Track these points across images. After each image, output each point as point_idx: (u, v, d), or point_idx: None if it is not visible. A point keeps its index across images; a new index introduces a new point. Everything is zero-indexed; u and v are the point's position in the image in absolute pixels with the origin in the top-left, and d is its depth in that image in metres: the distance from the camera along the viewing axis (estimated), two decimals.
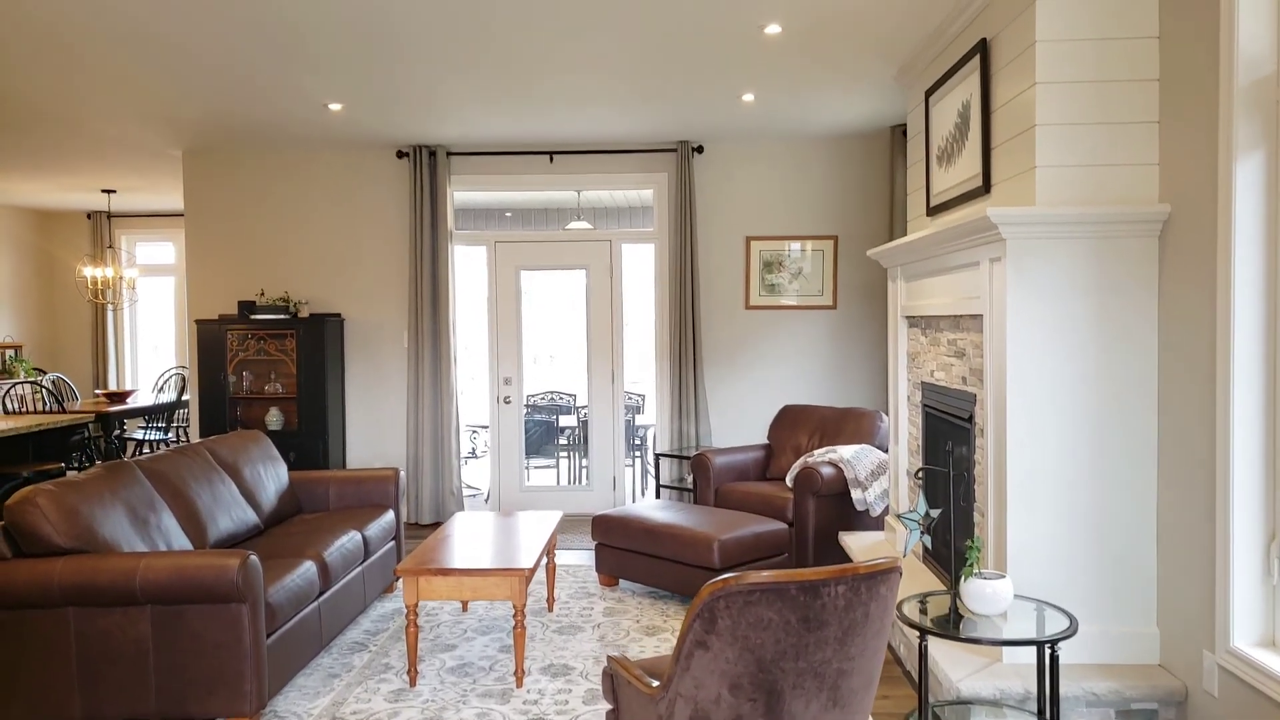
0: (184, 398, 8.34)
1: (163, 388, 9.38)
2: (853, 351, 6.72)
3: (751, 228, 6.73)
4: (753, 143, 6.68)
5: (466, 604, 4.69)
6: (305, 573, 3.73)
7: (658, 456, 6.61)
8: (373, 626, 4.44)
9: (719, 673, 2.20)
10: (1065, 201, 3.18)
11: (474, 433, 8.88)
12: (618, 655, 2.66)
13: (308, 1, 3.81)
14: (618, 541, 4.87)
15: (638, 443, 7.92)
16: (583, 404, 7.50)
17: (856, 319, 6.71)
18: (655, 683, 2.38)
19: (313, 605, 3.80)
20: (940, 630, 2.75)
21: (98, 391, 8.77)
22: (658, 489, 6.64)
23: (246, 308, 6.71)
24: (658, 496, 6.64)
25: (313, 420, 6.65)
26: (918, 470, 3.73)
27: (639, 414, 8.57)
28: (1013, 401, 3.19)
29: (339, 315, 6.91)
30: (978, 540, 2.88)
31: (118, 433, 8.11)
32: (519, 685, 3.68)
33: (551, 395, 8.35)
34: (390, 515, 4.85)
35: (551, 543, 4.50)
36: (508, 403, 7.01)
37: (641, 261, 7.18)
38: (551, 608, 4.64)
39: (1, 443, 5.18)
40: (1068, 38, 3.15)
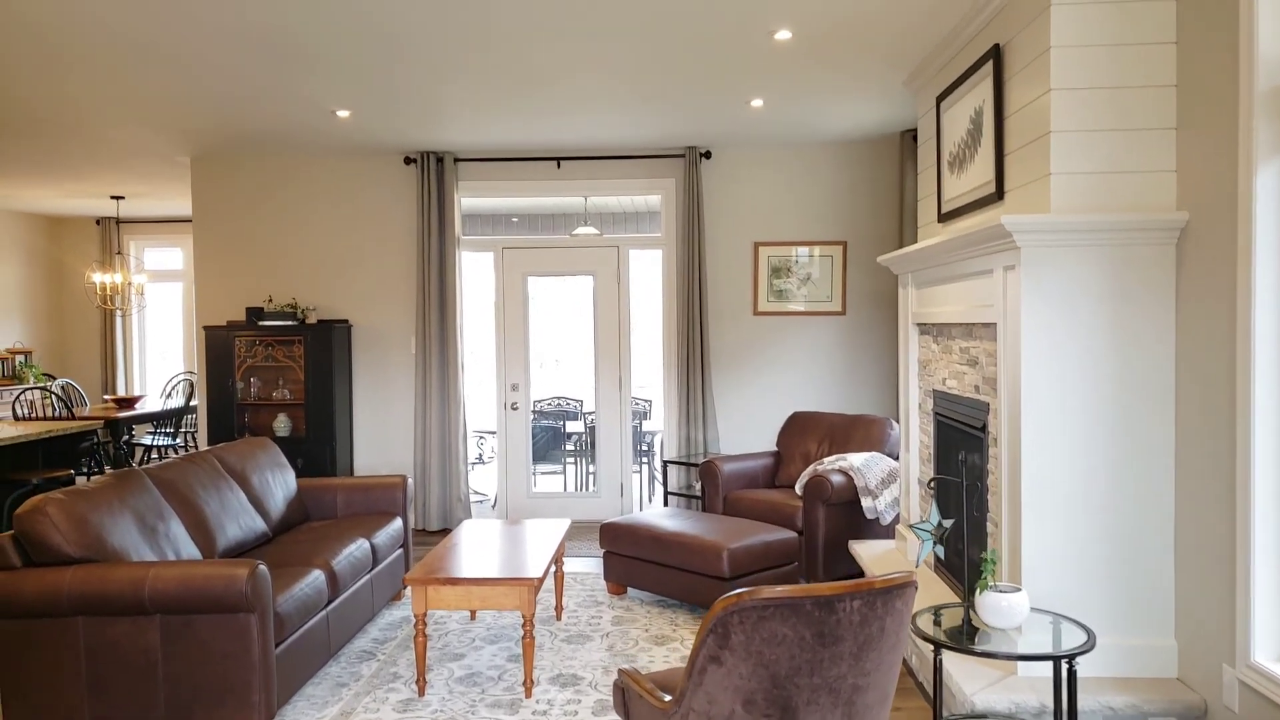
0: (192, 403, 8.35)
1: (171, 393, 9.39)
2: (862, 358, 6.68)
3: (760, 233, 6.70)
4: (761, 148, 6.66)
5: (475, 612, 4.67)
6: (314, 582, 3.72)
7: (665, 463, 6.58)
8: (381, 635, 4.42)
9: (733, 688, 2.17)
10: (1080, 209, 3.15)
11: (481, 438, 8.87)
12: (628, 668, 2.64)
13: (315, 10, 3.80)
14: (626, 549, 4.85)
15: (644, 449, 7.88)
16: (589, 410, 7.47)
17: (865, 325, 6.67)
18: (667, 697, 2.36)
19: (321, 614, 3.78)
20: (956, 644, 2.72)
21: (106, 397, 8.79)
22: (665, 496, 6.61)
23: (254, 314, 6.71)
24: (665, 504, 6.61)
25: (320, 426, 6.64)
26: (930, 480, 3.69)
27: (646, 420, 8.54)
28: (1027, 411, 3.16)
29: (346, 321, 6.90)
30: (993, 553, 2.85)
31: (126, 438, 8.11)
32: (528, 695, 3.65)
33: (558, 401, 8.32)
34: (398, 522, 4.83)
35: (560, 551, 4.47)
36: (515, 409, 6.99)
37: (649, 267, 7.16)
38: (560, 616, 4.62)
39: (12, 449, 5.18)
40: (1083, 43, 3.12)
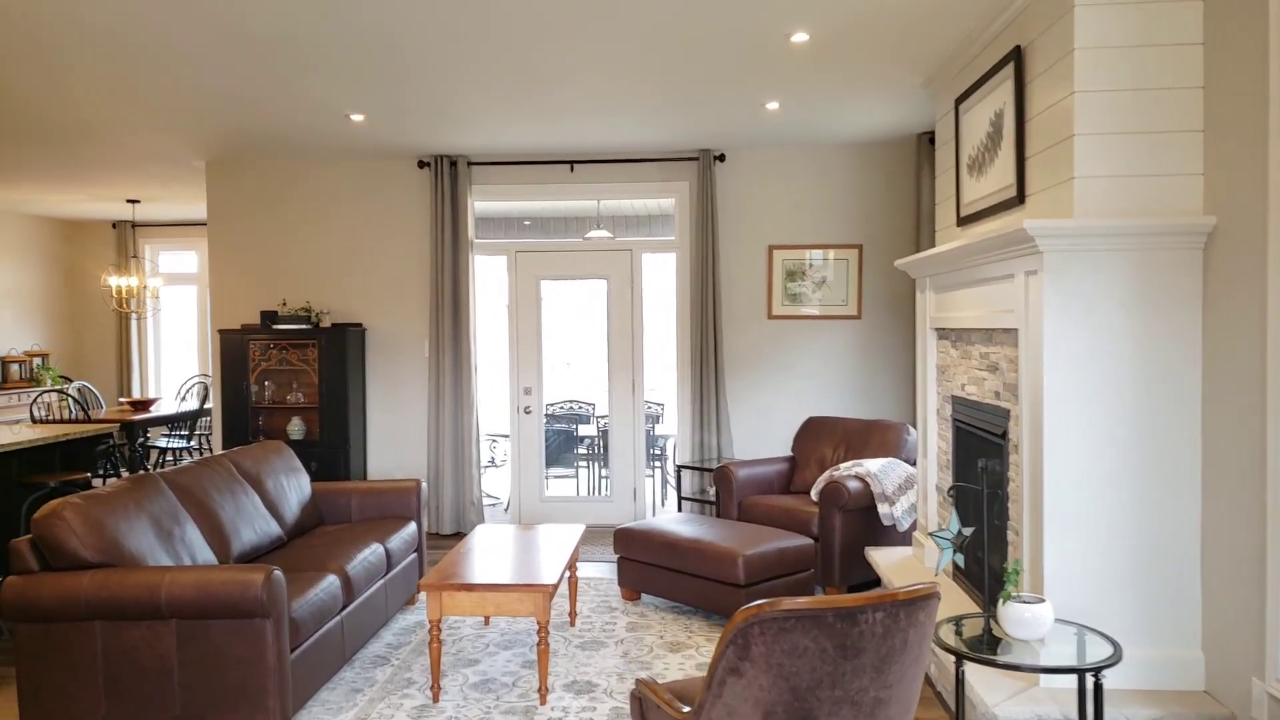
0: (206, 406, 8.37)
1: (185, 396, 9.42)
2: (878, 362, 6.64)
3: (774, 236, 6.67)
4: (776, 151, 6.63)
5: (489, 617, 4.65)
6: (328, 587, 3.71)
7: (679, 468, 6.55)
8: (395, 640, 4.40)
9: (752, 700, 2.14)
10: (1104, 213, 3.10)
11: (494, 442, 8.86)
12: (645, 676, 2.61)
13: (329, 15, 3.80)
14: (640, 555, 4.82)
15: (657, 453, 7.85)
16: (602, 413, 7.45)
17: (881, 329, 6.63)
18: (686, 708, 2.33)
19: (336, 619, 3.77)
20: (980, 656, 2.68)
21: (122, 400, 8.82)
22: (679, 501, 6.58)
23: (269, 317, 6.72)
24: (679, 509, 6.57)
25: (334, 430, 6.64)
26: (950, 488, 3.65)
27: (658, 423, 8.51)
28: (1050, 418, 3.11)
29: (360, 325, 6.90)
30: (1017, 563, 2.80)
31: (142, 441, 8.14)
32: (543, 702, 3.63)
33: (570, 404, 8.30)
34: (412, 527, 4.82)
35: (574, 557, 4.45)
36: (528, 413, 6.97)
37: (662, 270, 7.13)
38: (574, 622, 4.59)
39: (30, 452, 5.20)
40: (1108, 44, 3.07)
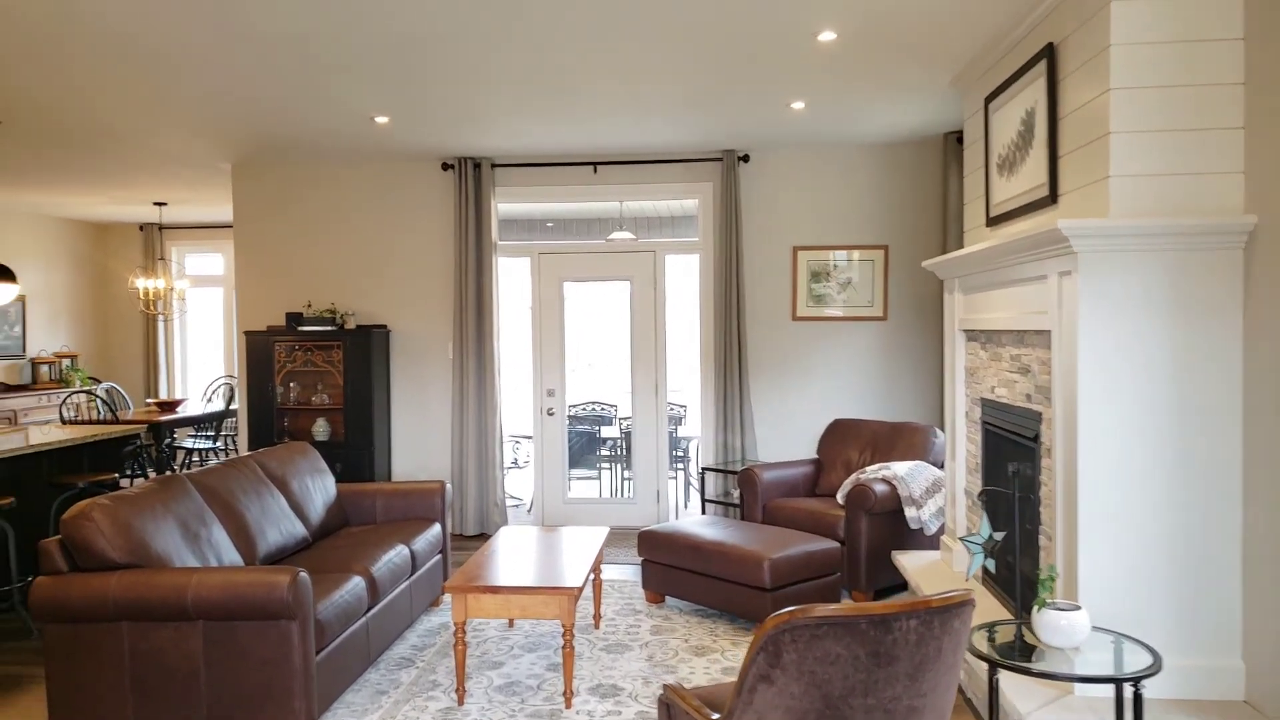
0: (232, 407, 8.43)
1: (211, 397, 9.50)
2: (904, 364, 6.57)
3: (799, 237, 6.62)
4: (800, 151, 6.58)
5: (513, 620, 4.64)
6: (354, 588, 3.71)
7: (704, 470, 6.51)
8: (419, 641, 4.40)
9: (784, 708, 2.11)
10: (1140, 213, 3.04)
11: (516, 443, 8.86)
12: (672, 681, 2.58)
13: (353, 17, 3.80)
14: (664, 558, 4.79)
15: (680, 454, 7.81)
16: (624, 415, 7.42)
17: (908, 331, 6.56)
18: (715, 715, 2.30)
19: (361, 621, 3.77)
20: (1015, 664, 2.63)
21: (149, 401, 8.91)
22: (703, 504, 6.54)
23: (294, 319, 6.75)
24: (703, 512, 6.54)
25: (359, 431, 6.66)
26: (980, 492, 3.59)
27: (680, 425, 8.48)
28: (1084, 421, 3.05)
29: (385, 327, 6.92)
30: (1051, 569, 2.75)
31: (168, 442, 8.21)
32: (568, 706, 3.61)
33: (593, 406, 8.29)
34: (437, 529, 4.82)
35: (598, 560, 4.43)
36: (551, 414, 6.96)
37: (686, 272, 7.10)
38: (598, 625, 4.57)
39: (60, 452, 5.25)
40: (1144, 40, 3.01)
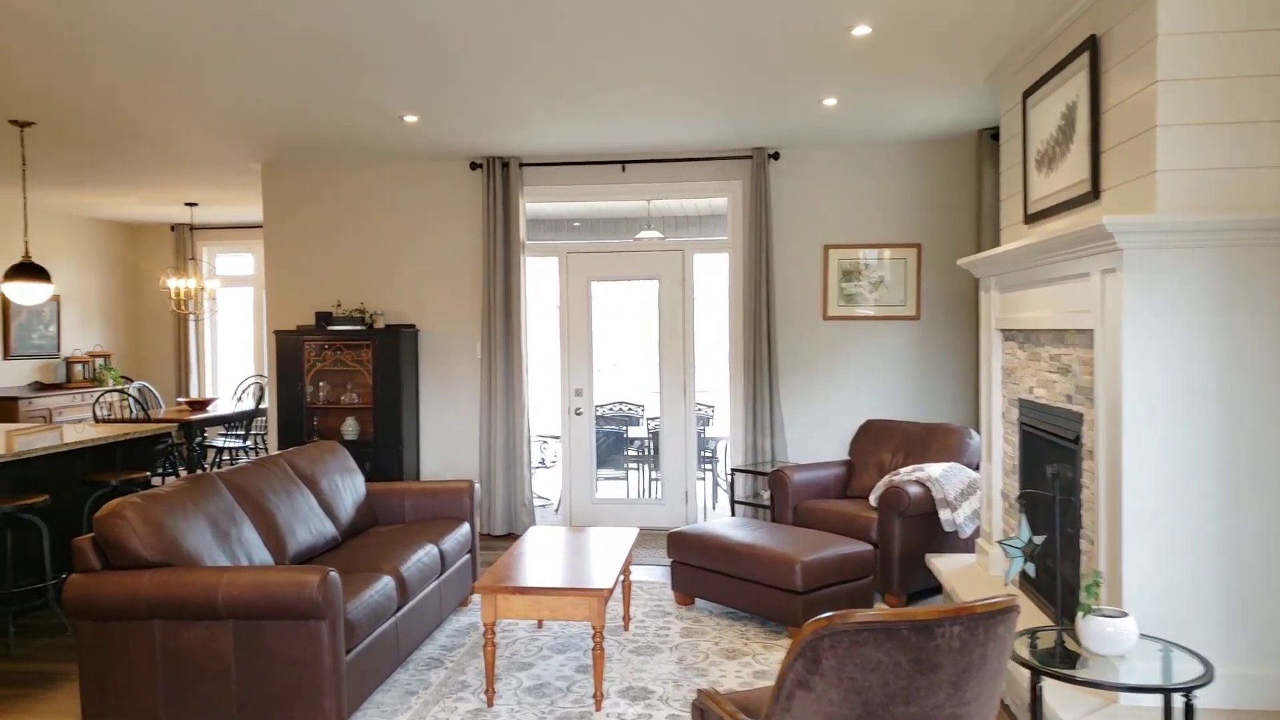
0: (261, 406, 8.49)
1: (241, 396, 9.58)
2: (937, 364, 6.47)
3: (830, 236, 6.54)
4: (832, 148, 6.50)
5: (542, 621, 4.61)
6: (383, 588, 3.70)
7: (733, 471, 6.46)
8: (448, 642, 4.39)
9: (822, 715, 2.06)
10: (1188, 208, 2.95)
11: (544, 443, 8.85)
12: (705, 686, 2.54)
13: (385, 15, 3.79)
14: (694, 560, 4.74)
15: (707, 455, 7.76)
16: (651, 415, 7.38)
17: (941, 330, 6.46)
18: None
19: (390, 621, 3.76)
20: (1060, 672, 2.55)
21: (180, 400, 8.99)
22: (732, 505, 6.48)
23: (323, 318, 6.78)
24: (732, 513, 6.48)
25: (387, 430, 6.67)
26: (1020, 494, 3.51)
27: (708, 425, 8.42)
28: (1129, 423, 2.97)
29: (413, 326, 6.93)
30: (1097, 575, 2.67)
31: (199, 440, 8.29)
32: (598, 708, 3.58)
33: (620, 406, 8.25)
34: (465, 528, 4.80)
35: (628, 561, 4.39)
36: (579, 414, 6.93)
37: (714, 271, 7.04)
38: (627, 626, 4.54)
39: (93, 451, 5.30)
40: (1193, 30, 2.92)
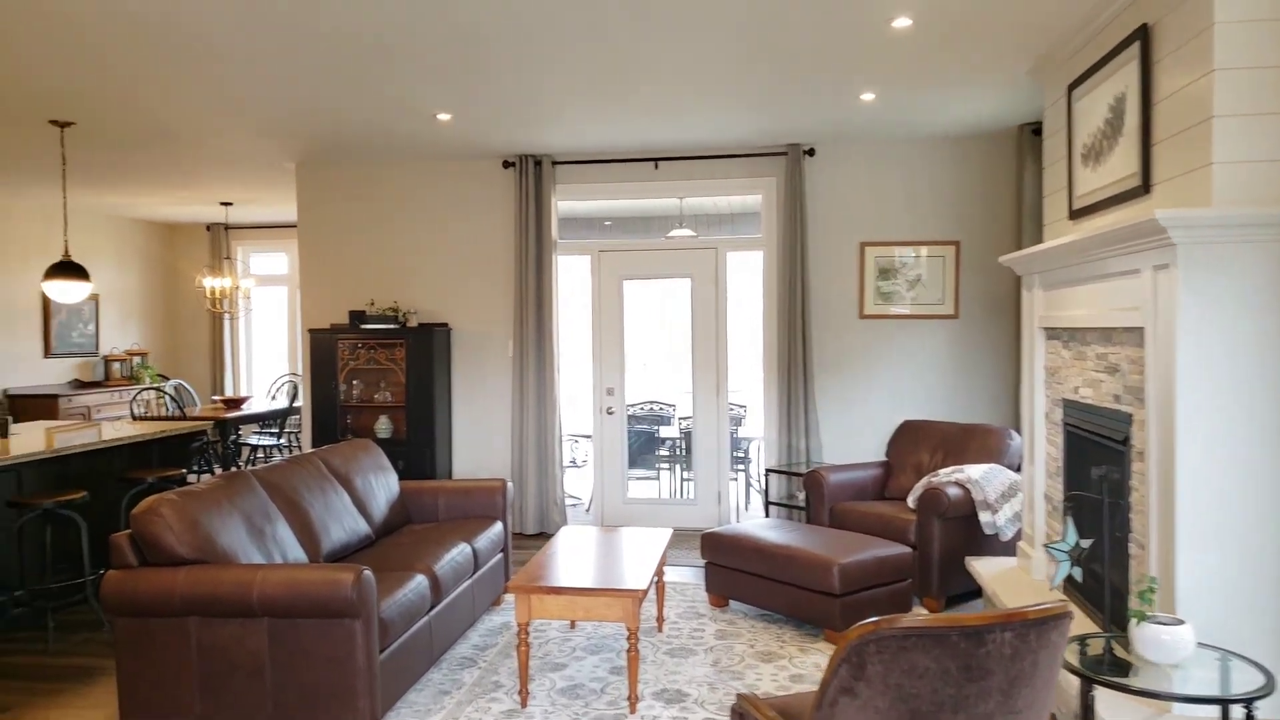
0: (295, 404, 8.56)
1: (275, 395, 9.67)
2: (976, 364, 6.35)
3: (866, 233, 6.45)
4: (868, 144, 6.41)
5: (574, 621, 4.58)
6: (417, 587, 3.68)
7: (768, 472, 6.38)
8: (481, 641, 4.37)
9: None
10: (1247, 201, 2.85)
11: (575, 442, 8.83)
12: (744, 690, 2.49)
13: (419, 14, 3.78)
14: (728, 561, 4.69)
15: (740, 455, 7.69)
16: (683, 414, 7.32)
17: (980, 329, 6.34)
18: None
19: (424, 620, 3.74)
20: (1114, 681, 2.47)
21: (215, 398, 9.10)
22: (766, 506, 6.41)
23: (357, 317, 6.81)
24: (766, 514, 6.41)
25: (420, 429, 6.69)
26: (1067, 497, 3.42)
27: (740, 425, 8.34)
28: (1183, 425, 2.87)
29: (446, 325, 6.94)
30: (1152, 581, 2.58)
31: (234, 438, 8.37)
32: (632, 710, 3.54)
33: (651, 405, 8.21)
34: (499, 527, 4.79)
35: (662, 562, 4.35)
36: (610, 413, 6.89)
37: (747, 268, 6.97)
38: (661, 628, 4.49)
39: (130, 448, 5.36)
40: (1250, 18, 2.82)
